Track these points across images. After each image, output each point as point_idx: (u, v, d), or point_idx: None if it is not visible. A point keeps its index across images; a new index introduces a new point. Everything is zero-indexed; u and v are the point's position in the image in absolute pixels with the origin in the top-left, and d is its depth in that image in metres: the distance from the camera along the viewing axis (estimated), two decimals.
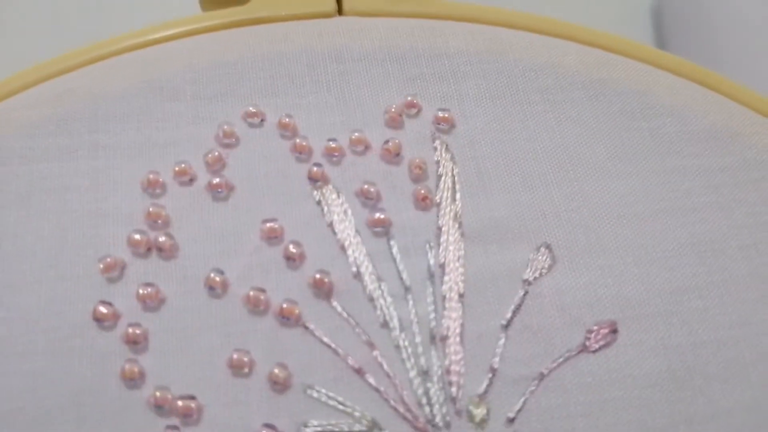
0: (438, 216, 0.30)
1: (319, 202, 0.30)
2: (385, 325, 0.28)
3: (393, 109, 0.32)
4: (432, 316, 0.28)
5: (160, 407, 0.26)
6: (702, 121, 0.34)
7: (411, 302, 0.29)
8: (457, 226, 0.30)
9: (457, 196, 0.31)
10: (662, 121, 0.34)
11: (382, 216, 0.30)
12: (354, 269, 0.29)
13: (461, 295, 0.29)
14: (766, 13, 0.62)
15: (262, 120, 0.32)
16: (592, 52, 0.36)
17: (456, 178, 0.31)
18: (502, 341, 0.28)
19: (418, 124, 0.32)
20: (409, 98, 0.33)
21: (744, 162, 0.33)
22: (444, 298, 0.29)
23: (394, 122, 0.32)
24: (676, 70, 0.36)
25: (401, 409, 0.27)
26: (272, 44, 0.34)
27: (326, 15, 0.36)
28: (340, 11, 0.36)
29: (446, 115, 0.32)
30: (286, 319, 0.28)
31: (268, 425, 0.26)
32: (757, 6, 0.63)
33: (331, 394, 0.27)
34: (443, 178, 0.31)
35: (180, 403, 0.26)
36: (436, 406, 0.27)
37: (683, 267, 0.30)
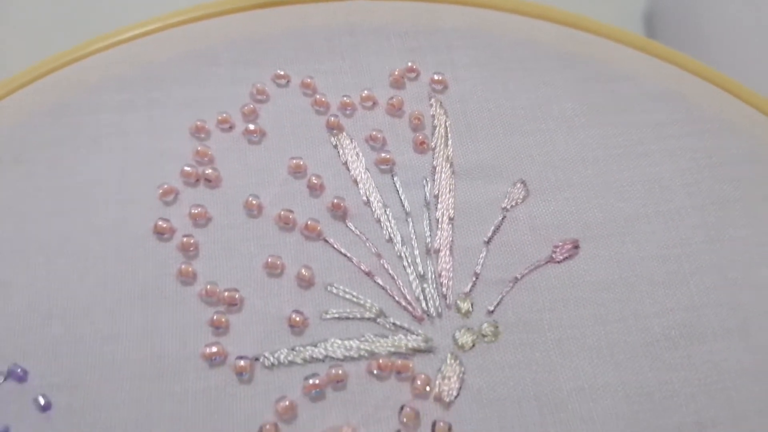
0: (433, 158, 0.37)
1: (335, 146, 0.37)
2: (390, 240, 0.35)
3: (396, 73, 0.39)
4: (427, 234, 0.35)
5: (209, 298, 0.32)
6: (655, 85, 0.40)
7: (411, 223, 0.35)
8: (448, 165, 0.37)
9: (449, 142, 0.37)
10: (621, 84, 0.40)
11: (388, 156, 0.36)
12: (364, 198, 0.35)
13: (451, 219, 0.35)
14: (756, 19, 0.65)
15: (287, 81, 0.39)
16: (564, 30, 0.43)
17: (448, 129, 0.38)
18: (483, 253, 0.34)
19: (417, 86, 0.39)
20: (409, 64, 0.39)
21: (690, 117, 0.39)
22: (437, 220, 0.35)
23: (397, 83, 0.39)
24: (637, 45, 0.43)
25: (403, 303, 0.33)
26: (295, 21, 0.41)
27: None
28: None
29: (441, 78, 0.39)
30: (310, 233, 0.34)
31: (296, 311, 0.32)
32: (747, 11, 0.66)
33: (347, 290, 0.33)
34: (438, 128, 0.38)
35: (226, 294, 0.32)
36: (431, 301, 0.33)
37: (635, 199, 0.37)
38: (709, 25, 0.69)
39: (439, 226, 0.35)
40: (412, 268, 0.34)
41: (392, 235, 0.35)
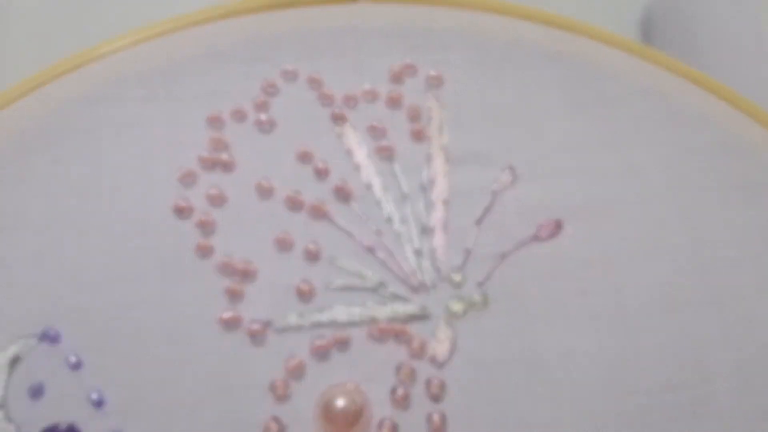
0: (429, 146, 0.40)
1: (339, 136, 0.40)
2: (390, 219, 0.38)
3: (396, 69, 0.42)
4: (423, 214, 0.38)
5: (226, 267, 0.36)
6: (637, 83, 0.44)
7: (408, 205, 0.38)
8: (443, 153, 0.40)
9: (444, 132, 0.41)
10: (604, 82, 0.43)
11: (387, 144, 0.40)
12: (366, 182, 0.39)
13: (445, 201, 0.39)
14: (753, 29, 0.68)
15: (296, 76, 0.42)
16: (553, 31, 0.46)
17: (443, 120, 0.41)
18: (474, 232, 0.38)
19: (415, 81, 0.42)
20: (408, 61, 0.43)
21: (668, 112, 0.43)
22: (432, 203, 0.39)
23: (397, 79, 0.42)
24: (622, 45, 0.46)
25: (401, 275, 0.36)
26: (302, 22, 0.44)
27: (344, 1, 0.46)
28: None
29: (437, 74, 0.42)
30: (316, 212, 0.37)
31: (305, 281, 0.35)
32: (743, 18, 0.68)
33: (350, 263, 0.36)
34: (433, 119, 0.41)
35: (241, 265, 0.35)
36: (426, 274, 0.37)
37: (615, 185, 0.40)
38: (705, 31, 0.72)
39: (434, 207, 0.38)
40: (409, 244, 0.37)
41: (391, 215, 0.38)
